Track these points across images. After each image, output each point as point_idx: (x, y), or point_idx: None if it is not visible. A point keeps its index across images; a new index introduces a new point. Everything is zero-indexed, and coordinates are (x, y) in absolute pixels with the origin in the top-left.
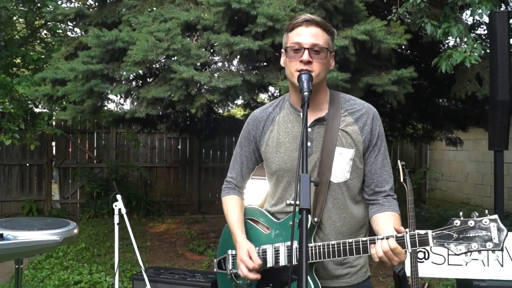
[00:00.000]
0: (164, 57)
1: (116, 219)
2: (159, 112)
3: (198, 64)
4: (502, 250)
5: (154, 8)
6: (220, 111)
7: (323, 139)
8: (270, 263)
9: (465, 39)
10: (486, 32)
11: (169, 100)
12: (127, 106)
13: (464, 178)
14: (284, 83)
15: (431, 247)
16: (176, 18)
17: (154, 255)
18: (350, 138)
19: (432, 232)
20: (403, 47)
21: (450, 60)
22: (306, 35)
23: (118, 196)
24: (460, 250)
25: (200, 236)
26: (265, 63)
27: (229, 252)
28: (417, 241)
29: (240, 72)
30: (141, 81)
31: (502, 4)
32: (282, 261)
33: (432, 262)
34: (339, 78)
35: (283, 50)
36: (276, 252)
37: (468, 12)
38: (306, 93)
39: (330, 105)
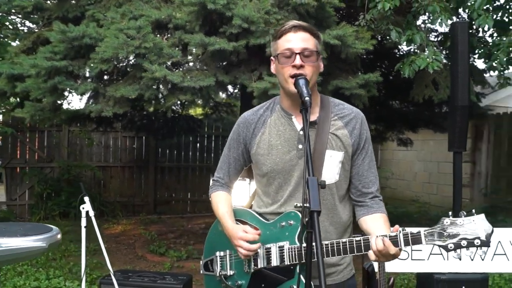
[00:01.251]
0: (135, 55)
1: (84, 221)
2: (127, 111)
3: (169, 63)
4: (489, 246)
5: (121, 4)
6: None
7: (314, 142)
8: (261, 263)
9: (426, 47)
10: (438, 39)
11: (138, 99)
12: (82, 104)
13: (413, 177)
14: (258, 84)
15: (424, 245)
16: (147, 16)
17: (113, 257)
18: (340, 142)
19: (424, 230)
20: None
21: (412, 65)
22: (296, 40)
23: (86, 198)
24: (450, 247)
25: (159, 237)
26: (237, 64)
27: (217, 254)
28: (410, 239)
29: (213, 72)
30: (107, 79)
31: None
32: (274, 262)
33: (398, 258)
34: None
35: (272, 58)
36: (268, 252)
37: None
38: (307, 98)
39: (321, 109)
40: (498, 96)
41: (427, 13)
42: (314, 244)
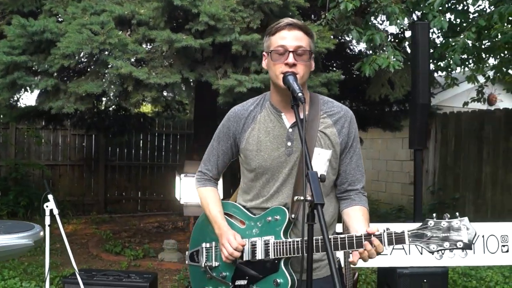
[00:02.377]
0: (99, 51)
1: (48, 220)
2: (89, 107)
3: (133, 59)
4: (471, 249)
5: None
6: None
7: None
8: (246, 256)
9: (385, 47)
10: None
11: (101, 95)
12: (31, 101)
13: None
14: (224, 82)
15: (407, 244)
16: (109, 11)
17: (67, 257)
18: (328, 140)
19: (408, 231)
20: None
21: (373, 65)
22: (290, 38)
23: (50, 196)
24: (433, 248)
25: (113, 236)
26: (201, 62)
27: (203, 245)
28: (394, 239)
29: (179, 69)
30: (65, 75)
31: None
32: (259, 255)
33: None
34: None
35: (265, 53)
36: (253, 246)
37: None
38: (300, 94)
39: (310, 107)
40: (445, 96)
41: (384, 14)
42: (295, 239)
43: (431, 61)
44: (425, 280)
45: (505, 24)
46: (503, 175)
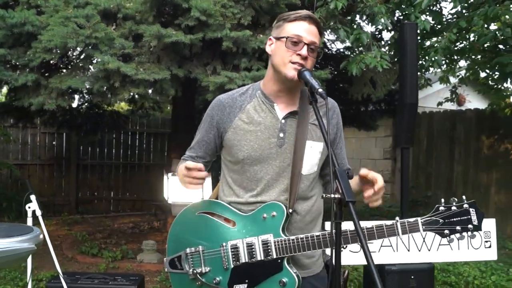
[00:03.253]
0: (85, 45)
1: (30, 221)
2: (71, 104)
3: (119, 54)
4: (480, 230)
5: None
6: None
7: (295, 132)
8: (243, 258)
9: (371, 46)
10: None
11: (85, 91)
12: None
13: None
14: (214, 78)
15: (421, 233)
16: (94, 4)
17: (41, 260)
18: (320, 132)
19: (421, 219)
20: None
21: (359, 64)
22: (308, 31)
23: (33, 197)
24: (446, 233)
25: (88, 238)
26: (189, 58)
27: (187, 250)
28: (407, 228)
29: (167, 65)
30: (44, 70)
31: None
32: (259, 256)
33: (350, 251)
34: None
35: (273, 38)
36: (250, 247)
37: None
38: (321, 90)
39: (301, 100)
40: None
41: (368, 15)
42: (299, 236)
43: None
44: (412, 277)
45: (484, 26)
46: (474, 175)
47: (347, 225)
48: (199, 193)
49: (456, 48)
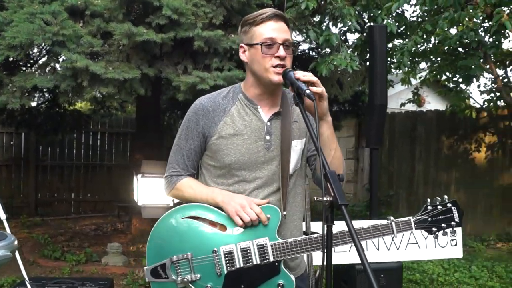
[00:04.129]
0: (52, 42)
1: None
2: (36, 103)
3: (87, 53)
4: (462, 226)
5: None
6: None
7: (280, 133)
8: (238, 263)
9: (341, 47)
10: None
11: (51, 90)
12: None
13: None
14: (186, 78)
15: (413, 231)
16: (60, 1)
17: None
18: (301, 129)
19: (413, 218)
20: None
21: (329, 65)
22: (278, 30)
23: None
24: (434, 230)
25: (48, 241)
26: (159, 57)
27: (174, 258)
28: (401, 227)
29: (137, 64)
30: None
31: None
32: (255, 260)
33: (335, 251)
34: (240, 76)
35: (244, 45)
36: (244, 251)
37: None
38: (308, 91)
39: (282, 99)
40: None
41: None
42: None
43: None
44: (382, 275)
45: (447, 30)
46: (434, 173)
47: (342, 226)
48: (165, 196)
49: (418, 50)
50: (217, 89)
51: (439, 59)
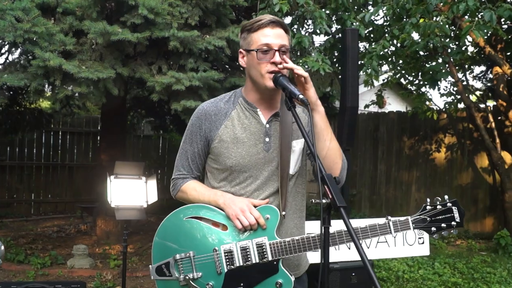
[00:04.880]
0: (23, 40)
1: None
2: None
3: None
4: (463, 226)
5: None
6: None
7: (279, 135)
8: (238, 262)
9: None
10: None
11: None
12: None
13: None
14: (161, 79)
15: (412, 231)
16: None
17: None
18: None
19: (411, 218)
20: None
21: (302, 67)
22: (274, 36)
23: None
24: (433, 230)
25: (11, 243)
26: (133, 57)
27: (177, 256)
28: (399, 227)
29: (111, 64)
30: None
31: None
32: (254, 259)
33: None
34: (215, 77)
35: (243, 51)
36: (244, 250)
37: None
38: (302, 96)
39: (281, 101)
40: None
41: (311, 19)
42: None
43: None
44: (353, 274)
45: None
46: (395, 173)
47: (339, 225)
48: (143, 197)
49: (386, 54)
50: (192, 90)
51: (400, 61)
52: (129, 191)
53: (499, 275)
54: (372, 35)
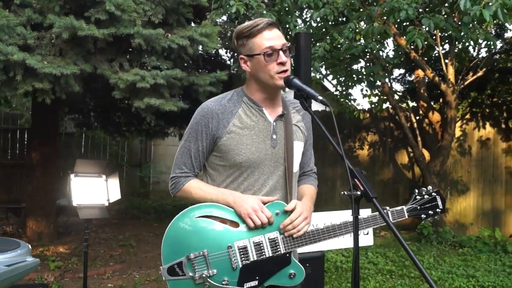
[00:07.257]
0: None
1: None
2: None
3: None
4: (445, 212)
5: None
6: None
7: (285, 134)
8: (252, 257)
9: None
10: None
11: None
12: None
13: None
14: (126, 76)
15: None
16: None
17: None
18: (301, 133)
19: (405, 207)
20: None
21: None
22: (275, 38)
23: None
24: (423, 216)
25: None
26: (93, 53)
27: (191, 255)
28: (396, 215)
29: (73, 60)
30: None
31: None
32: (268, 253)
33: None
34: (178, 75)
35: (244, 57)
36: (257, 245)
37: None
38: (320, 98)
39: (283, 103)
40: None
41: None
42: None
43: None
44: (307, 264)
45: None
46: (321, 169)
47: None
48: (104, 195)
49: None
50: (157, 87)
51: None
52: (90, 189)
53: (427, 262)
54: (312, 38)
